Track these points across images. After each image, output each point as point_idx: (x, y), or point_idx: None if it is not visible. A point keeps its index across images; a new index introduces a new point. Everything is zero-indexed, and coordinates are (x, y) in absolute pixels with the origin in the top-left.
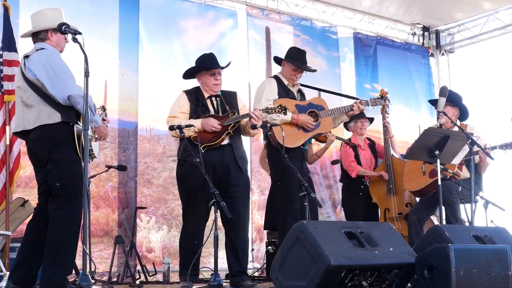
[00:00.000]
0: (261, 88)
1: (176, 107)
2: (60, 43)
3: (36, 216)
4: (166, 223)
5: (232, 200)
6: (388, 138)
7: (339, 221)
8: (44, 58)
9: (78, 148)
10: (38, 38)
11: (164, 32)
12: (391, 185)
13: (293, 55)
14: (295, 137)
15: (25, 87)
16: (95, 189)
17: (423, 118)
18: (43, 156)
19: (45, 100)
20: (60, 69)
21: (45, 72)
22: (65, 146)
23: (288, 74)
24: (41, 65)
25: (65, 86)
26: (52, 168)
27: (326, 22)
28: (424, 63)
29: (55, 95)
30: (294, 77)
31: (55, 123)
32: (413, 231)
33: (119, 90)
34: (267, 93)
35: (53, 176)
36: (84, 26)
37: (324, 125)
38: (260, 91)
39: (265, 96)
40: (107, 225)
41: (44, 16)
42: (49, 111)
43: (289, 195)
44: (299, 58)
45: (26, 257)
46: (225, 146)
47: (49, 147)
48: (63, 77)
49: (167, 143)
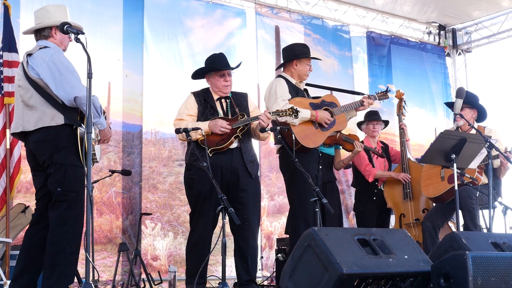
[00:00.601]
0: (272, 88)
1: (183, 109)
2: (64, 42)
3: (34, 223)
4: (172, 230)
5: (241, 206)
6: (404, 141)
7: (352, 227)
8: (48, 57)
9: (80, 152)
10: (42, 36)
11: (170, 31)
12: (408, 190)
13: (302, 52)
14: (314, 136)
15: (27, 86)
16: (98, 194)
17: (439, 120)
18: (44, 159)
19: (48, 101)
20: (66, 68)
21: (49, 71)
22: (67, 149)
23: (304, 70)
24: (45, 64)
25: (71, 87)
26: (53, 172)
27: (338, 21)
28: (440, 63)
29: (60, 95)
30: (309, 71)
31: (58, 125)
32: (427, 238)
33: (123, 92)
34: (280, 92)
35: (55, 181)
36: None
37: (339, 122)
38: (272, 91)
39: (279, 95)
40: (110, 232)
41: (49, 12)
42: (52, 112)
43: (302, 200)
44: (306, 51)
45: (26, 267)
46: (233, 149)
47: (51, 150)
48: (69, 77)
49: (173, 147)
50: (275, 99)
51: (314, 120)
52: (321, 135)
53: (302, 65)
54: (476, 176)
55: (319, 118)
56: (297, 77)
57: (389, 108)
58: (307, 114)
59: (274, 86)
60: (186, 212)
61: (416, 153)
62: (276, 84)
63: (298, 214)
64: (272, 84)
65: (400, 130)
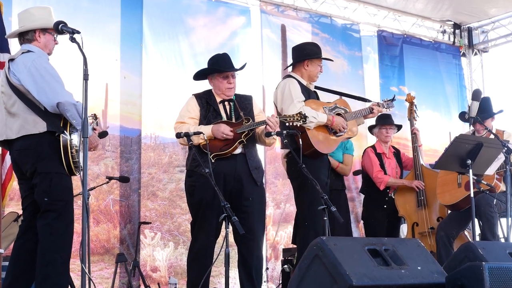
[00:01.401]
0: (285, 89)
1: (184, 112)
2: (48, 45)
3: (23, 233)
4: (173, 240)
5: (245, 214)
6: (417, 146)
7: (362, 237)
8: (30, 62)
9: (64, 160)
10: (25, 39)
11: (170, 30)
12: (422, 197)
13: (313, 52)
14: (328, 142)
15: (9, 92)
16: (95, 202)
17: (454, 124)
18: (27, 168)
19: (31, 108)
20: (48, 73)
21: (30, 77)
22: (51, 157)
23: (315, 71)
24: (27, 69)
25: (53, 92)
26: (39, 183)
27: (347, 19)
28: (455, 64)
29: (42, 101)
30: (319, 73)
31: (40, 133)
32: (441, 249)
33: (121, 94)
34: (295, 93)
35: (41, 191)
36: (82, 24)
37: (350, 129)
38: (286, 93)
39: (295, 97)
40: (108, 242)
41: (32, 15)
42: (34, 119)
43: (310, 208)
44: (318, 51)
45: (15, 279)
46: (237, 155)
47: (34, 159)
48: (51, 83)
49: (174, 152)
50: (291, 100)
51: (329, 125)
52: (334, 141)
53: (314, 65)
54: (495, 184)
55: (335, 124)
56: (307, 78)
57: (401, 111)
58: (323, 118)
59: (287, 87)
60: (187, 221)
61: (429, 159)
62: (289, 85)
63: (307, 223)
64: (284, 85)
65: (412, 135)
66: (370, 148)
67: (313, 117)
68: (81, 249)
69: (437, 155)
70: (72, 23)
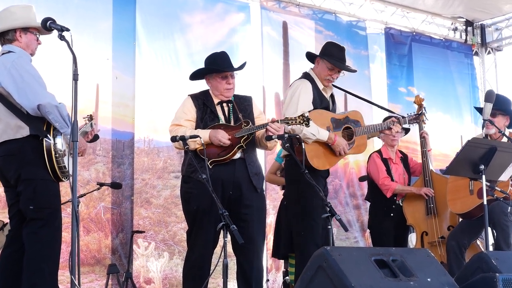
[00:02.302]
0: (294, 94)
1: (180, 113)
2: (30, 45)
3: (10, 243)
4: (168, 250)
5: (244, 223)
6: (426, 151)
7: (368, 247)
8: (10, 63)
9: (48, 165)
10: (5, 39)
11: (165, 28)
12: (432, 205)
13: (329, 52)
14: (326, 158)
15: None
16: (85, 210)
17: (465, 127)
18: (11, 175)
19: (12, 111)
20: (28, 74)
21: (11, 78)
22: (35, 163)
23: (322, 73)
24: (7, 71)
25: (34, 94)
26: (23, 190)
27: (353, 16)
28: (467, 63)
29: (23, 104)
30: (330, 77)
31: (23, 138)
32: (452, 259)
33: (113, 95)
34: (303, 103)
35: (26, 198)
36: (72, 21)
37: (358, 145)
38: (294, 99)
39: (300, 106)
40: (99, 252)
41: (13, 13)
42: (17, 123)
43: (310, 217)
44: (336, 55)
45: None
46: (236, 160)
47: (17, 165)
48: (32, 84)
49: (169, 157)
50: (295, 109)
51: (330, 143)
52: (334, 159)
53: (323, 67)
54: (510, 191)
55: (336, 145)
56: (320, 78)
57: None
58: (324, 136)
59: (297, 92)
60: (183, 229)
61: (439, 164)
62: (301, 91)
63: (305, 232)
64: (295, 88)
65: (421, 139)
66: (375, 153)
67: (312, 133)
68: (70, 259)
69: (448, 160)
70: (61, 20)
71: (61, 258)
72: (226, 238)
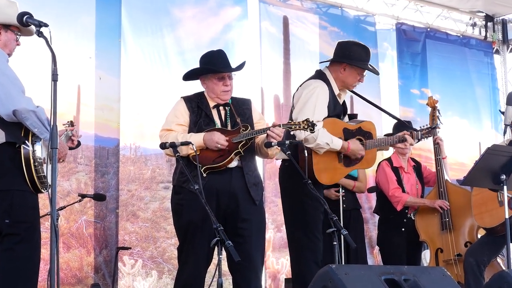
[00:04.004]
0: (312, 96)
1: (172, 117)
2: (8, 44)
3: None
4: (156, 268)
5: (241, 239)
6: (440, 158)
7: (378, 265)
8: None
9: (26, 175)
10: None
11: (153, 23)
12: (447, 219)
13: (358, 56)
14: (334, 172)
15: None
16: (65, 224)
17: (485, 133)
18: None
19: None
20: (4, 76)
21: None
22: (12, 172)
23: (350, 79)
24: None
25: (8, 98)
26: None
27: (361, 10)
28: (486, 62)
29: None
30: (357, 83)
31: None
32: (470, 278)
33: (96, 98)
34: (321, 108)
35: (1, 212)
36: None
37: (367, 158)
38: (311, 101)
39: (318, 112)
40: (80, 271)
41: None
42: None
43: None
44: (366, 58)
45: None
46: (233, 169)
47: None
48: (7, 87)
49: (157, 166)
50: (311, 114)
51: (344, 152)
52: (342, 171)
53: (352, 73)
54: None
55: (350, 151)
56: (341, 83)
57: (423, 117)
58: (337, 145)
59: (315, 94)
60: (174, 246)
61: (456, 174)
62: (319, 93)
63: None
64: (312, 90)
65: (435, 146)
66: (385, 161)
67: (326, 143)
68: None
69: (465, 170)
70: (39, 15)
71: (39, 277)
72: (221, 255)
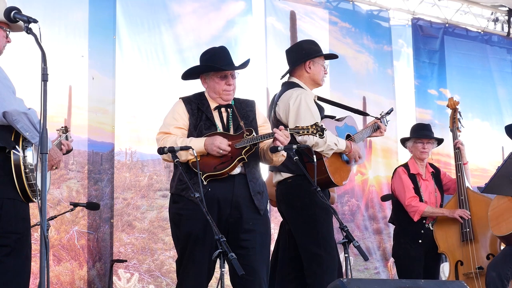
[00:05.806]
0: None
1: (170, 120)
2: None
3: None
4: (154, 282)
5: (244, 251)
6: (461, 164)
7: (393, 279)
8: None
9: (16, 183)
10: None
11: (151, 19)
12: (467, 229)
13: (313, 50)
14: (342, 171)
15: None
16: (55, 235)
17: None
18: None
19: None
20: None
21: None
22: (1, 180)
23: (319, 74)
24: None
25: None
26: None
27: (374, 5)
28: (509, 60)
29: None
30: (325, 76)
31: None
32: None
33: (89, 99)
34: (315, 111)
35: None
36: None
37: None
38: (303, 109)
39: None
40: (72, 285)
41: None
42: None
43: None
44: (319, 49)
45: None
46: (236, 176)
47: None
48: None
49: (155, 172)
50: (310, 118)
51: (346, 153)
52: (347, 171)
53: (317, 66)
54: None
55: (352, 153)
56: (311, 84)
57: (442, 121)
58: (342, 146)
59: (303, 101)
60: (172, 258)
61: (478, 181)
62: (306, 99)
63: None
64: (299, 98)
65: (456, 150)
66: (401, 167)
67: (334, 143)
68: None
69: (487, 176)
70: (28, 10)
71: None
72: (223, 268)
